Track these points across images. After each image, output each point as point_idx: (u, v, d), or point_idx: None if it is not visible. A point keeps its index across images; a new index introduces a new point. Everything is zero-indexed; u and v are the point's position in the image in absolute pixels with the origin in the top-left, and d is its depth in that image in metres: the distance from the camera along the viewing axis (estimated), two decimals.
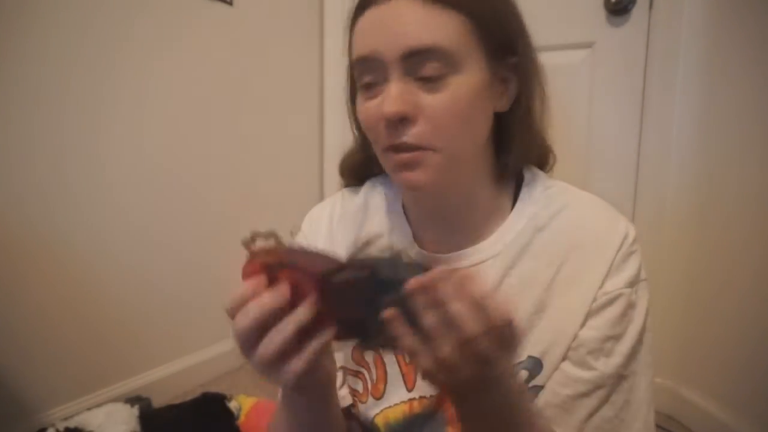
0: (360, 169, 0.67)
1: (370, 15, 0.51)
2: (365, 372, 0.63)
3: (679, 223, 1.35)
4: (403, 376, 0.60)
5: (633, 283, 0.54)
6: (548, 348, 0.54)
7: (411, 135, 0.49)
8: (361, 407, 0.62)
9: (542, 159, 0.64)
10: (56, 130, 1.24)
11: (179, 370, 1.57)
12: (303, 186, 1.95)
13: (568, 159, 1.48)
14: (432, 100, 0.49)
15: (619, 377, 0.53)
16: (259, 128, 1.74)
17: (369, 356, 0.62)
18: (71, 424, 1.18)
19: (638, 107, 1.36)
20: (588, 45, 1.38)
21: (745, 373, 1.21)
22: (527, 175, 0.61)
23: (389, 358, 0.61)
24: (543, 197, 0.58)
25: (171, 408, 1.33)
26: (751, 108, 1.17)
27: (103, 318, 1.37)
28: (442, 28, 0.48)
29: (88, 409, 1.25)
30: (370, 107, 0.52)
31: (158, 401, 1.37)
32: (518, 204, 0.59)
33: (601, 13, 1.35)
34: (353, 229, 0.64)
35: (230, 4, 1.58)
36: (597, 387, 0.53)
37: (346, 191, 0.68)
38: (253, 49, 1.69)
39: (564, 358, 0.54)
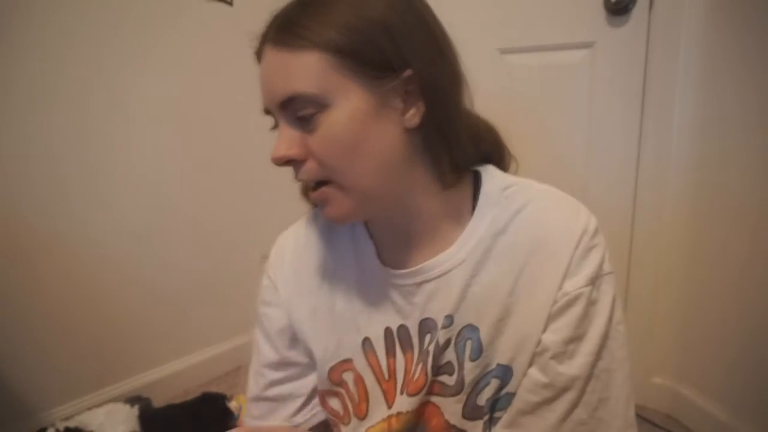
0: None
1: (260, 70, 0.53)
2: (343, 392, 0.62)
3: (679, 223, 1.35)
4: (383, 393, 0.60)
5: (594, 279, 0.53)
6: (515, 354, 0.54)
7: (301, 173, 0.52)
8: (345, 429, 0.62)
9: (496, 158, 0.63)
10: (55, 131, 1.24)
11: (179, 370, 1.57)
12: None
13: (568, 159, 1.49)
14: (312, 140, 0.50)
15: (587, 378, 0.52)
16: (259, 128, 1.74)
17: (348, 375, 0.62)
18: (71, 424, 1.18)
19: (638, 107, 1.36)
20: (588, 45, 1.38)
21: (745, 373, 1.21)
22: (485, 177, 0.59)
23: (369, 376, 0.61)
24: (502, 198, 0.57)
25: (171, 408, 1.33)
26: (751, 108, 1.17)
27: (103, 318, 1.37)
28: (299, 74, 0.49)
29: (88, 409, 1.26)
30: None
31: (158, 401, 1.37)
32: (477, 208, 0.57)
33: (601, 13, 1.35)
34: (320, 252, 0.64)
35: (230, 4, 1.58)
36: (564, 390, 0.52)
37: (310, 215, 0.68)
38: (253, 49, 1.69)
39: (531, 364, 0.54)
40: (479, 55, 1.49)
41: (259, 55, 0.53)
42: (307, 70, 0.49)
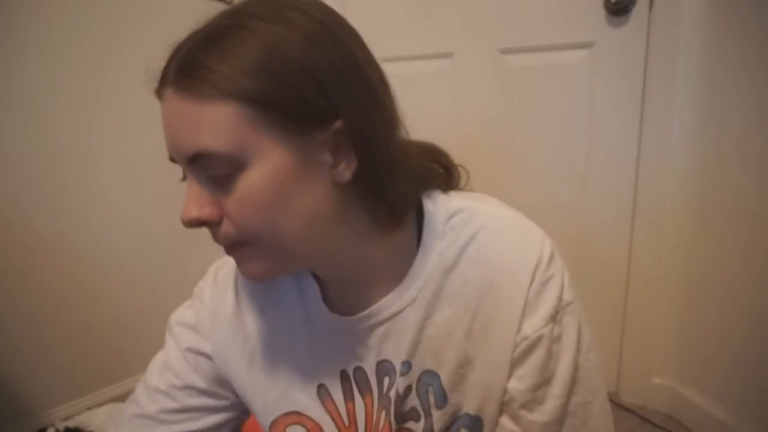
0: None
1: (161, 111, 0.45)
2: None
3: (679, 223, 1.35)
4: None
5: (553, 317, 0.49)
6: (483, 404, 0.51)
7: (221, 235, 0.46)
8: None
9: (442, 181, 0.56)
10: (56, 130, 1.24)
11: None
12: None
13: (568, 159, 1.49)
14: (227, 201, 0.44)
15: (561, 417, 0.49)
16: None
17: (296, 430, 0.56)
18: (71, 424, 1.18)
19: (638, 107, 1.36)
20: (588, 45, 1.38)
21: (745, 373, 1.21)
22: (427, 205, 0.53)
23: (328, 425, 0.56)
24: (447, 230, 0.51)
25: None
26: (751, 108, 1.17)
27: (103, 318, 1.37)
28: (209, 129, 0.41)
29: (88, 409, 1.26)
30: None
31: None
32: (422, 244, 0.52)
33: (601, 13, 1.35)
34: (260, 294, 0.58)
35: (230, 4, 1.58)
36: None
37: None
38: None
39: (501, 413, 0.51)
40: (479, 55, 1.49)
41: (159, 95, 0.45)
42: (217, 124, 0.41)
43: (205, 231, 0.49)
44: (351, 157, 0.46)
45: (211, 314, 0.59)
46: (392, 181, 0.48)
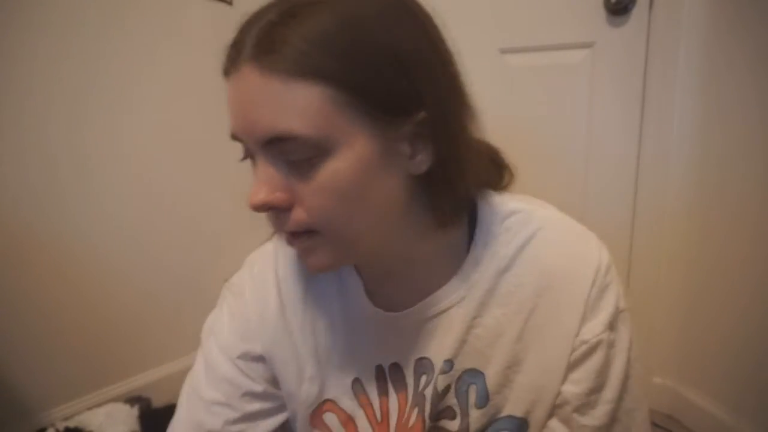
0: None
1: (229, 87, 0.43)
2: None
3: (679, 223, 1.35)
4: None
5: (612, 323, 0.49)
6: (532, 407, 0.50)
7: (290, 225, 0.44)
8: None
9: (496, 182, 0.55)
10: (51, 132, 1.24)
11: (179, 370, 1.57)
12: None
13: (568, 159, 1.49)
14: (304, 188, 0.42)
15: (610, 423, 0.49)
16: None
17: (330, 417, 0.56)
18: (71, 424, 1.18)
19: (638, 107, 1.36)
20: (588, 45, 1.38)
21: (745, 373, 1.21)
22: (482, 206, 0.52)
23: (361, 419, 0.55)
24: (502, 230, 0.51)
25: (171, 408, 1.32)
26: (751, 108, 1.17)
27: (103, 318, 1.37)
28: (298, 110, 0.39)
29: (88, 409, 1.26)
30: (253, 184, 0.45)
31: (158, 401, 1.37)
32: (475, 243, 0.51)
33: (601, 13, 1.35)
34: (300, 286, 0.56)
35: (230, 4, 1.58)
36: None
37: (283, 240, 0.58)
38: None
39: (550, 416, 0.50)
40: (479, 55, 1.49)
41: (229, 71, 0.42)
42: (304, 106, 0.39)
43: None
44: (429, 149, 0.44)
45: (257, 313, 0.57)
46: (463, 177, 0.47)
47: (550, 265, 0.50)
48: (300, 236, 0.45)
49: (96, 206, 1.34)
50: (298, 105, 0.39)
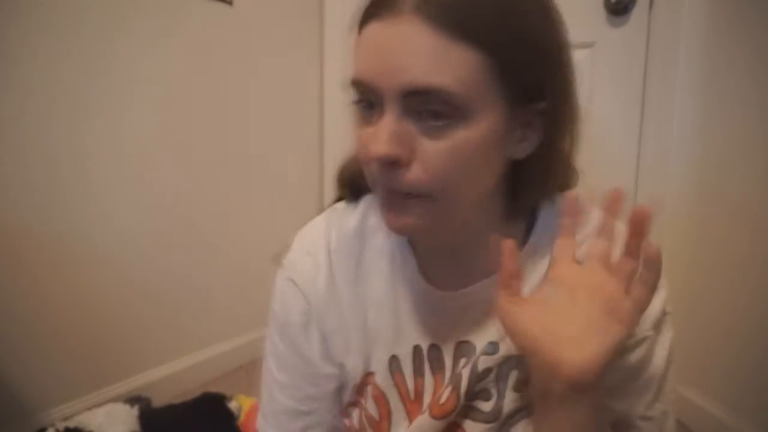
0: (362, 181, 0.57)
1: (373, 31, 0.43)
2: (362, 403, 0.58)
3: (679, 223, 1.35)
4: (407, 414, 0.56)
5: (658, 323, 0.52)
6: None
7: (403, 182, 0.43)
8: None
9: (565, 185, 0.57)
10: (51, 132, 1.24)
11: (179, 370, 1.57)
12: (302, 188, 1.94)
13: None
14: (431, 147, 0.42)
15: (643, 416, 0.52)
16: (259, 129, 1.74)
17: (366, 389, 0.57)
18: (71, 424, 1.18)
19: (638, 107, 1.36)
20: (588, 45, 1.38)
21: (745, 373, 1.21)
22: (543, 205, 0.55)
23: (393, 396, 0.56)
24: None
25: (171, 408, 1.33)
26: (751, 107, 1.17)
27: (102, 318, 1.37)
28: (453, 68, 0.40)
29: (88, 409, 1.26)
30: (363, 137, 0.45)
31: (158, 401, 1.37)
32: (533, 235, 0.54)
33: (601, 13, 1.35)
34: (351, 259, 0.57)
35: (230, 4, 1.58)
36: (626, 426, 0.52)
37: (339, 210, 0.60)
38: (253, 49, 1.69)
39: None
40: None
41: (380, 15, 0.42)
42: (462, 67, 0.40)
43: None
44: (534, 139, 0.46)
45: (308, 284, 0.57)
46: (554, 170, 0.50)
47: None
48: (404, 196, 0.45)
49: (96, 206, 1.33)
50: (455, 64, 0.40)
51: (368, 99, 0.44)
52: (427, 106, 0.41)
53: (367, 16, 0.43)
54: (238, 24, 1.62)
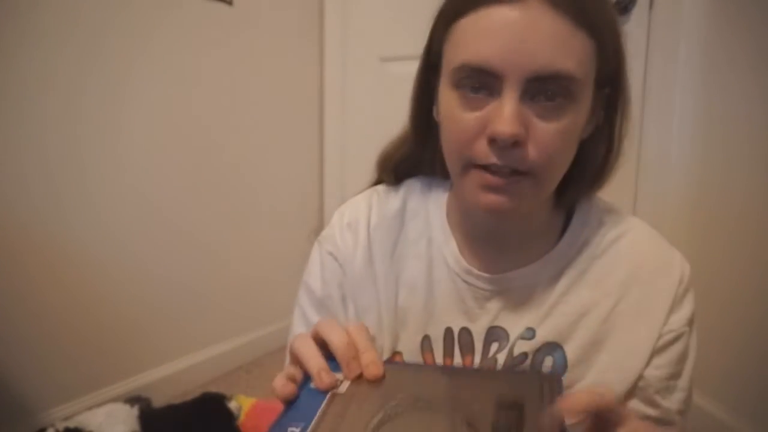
0: (406, 165, 0.61)
1: (498, 15, 0.43)
2: None
3: (679, 223, 1.35)
4: None
5: (692, 321, 0.54)
6: (611, 385, 0.53)
7: (518, 160, 0.45)
8: None
9: (600, 183, 0.59)
10: (49, 134, 1.24)
11: (179, 370, 1.57)
12: (302, 187, 1.95)
13: None
14: (545, 127, 0.44)
15: (684, 410, 0.54)
16: (259, 128, 1.74)
17: None
18: (71, 424, 1.18)
19: (638, 107, 1.36)
20: None
21: (745, 373, 1.21)
22: (582, 199, 0.58)
23: None
24: (597, 224, 0.56)
25: (171, 408, 1.33)
26: (751, 107, 1.17)
27: (103, 318, 1.37)
28: (577, 55, 0.43)
29: (88, 409, 1.26)
30: (469, 119, 0.46)
31: (158, 401, 1.37)
32: (571, 229, 0.56)
33: None
34: (390, 239, 0.59)
35: (230, 4, 1.58)
36: (665, 424, 0.53)
37: (381, 191, 0.61)
38: (253, 49, 1.69)
39: (629, 396, 0.53)
40: None
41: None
42: (582, 54, 0.44)
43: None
44: (595, 121, 0.51)
45: (345, 259, 0.59)
46: (604, 156, 0.53)
47: (642, 260, 0.54)
48: (512, 174, 0.46)
49: (94, 207, 1.33)
50: (578, 50, 0.44)
51: (479, 82, 0.45)
52: (546, 89, 0.44)
53: (476, 2, 0.45)
54: (238, 24, 1.62)
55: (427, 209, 0.59)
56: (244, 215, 1.72)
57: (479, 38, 0.44)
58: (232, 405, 1.32)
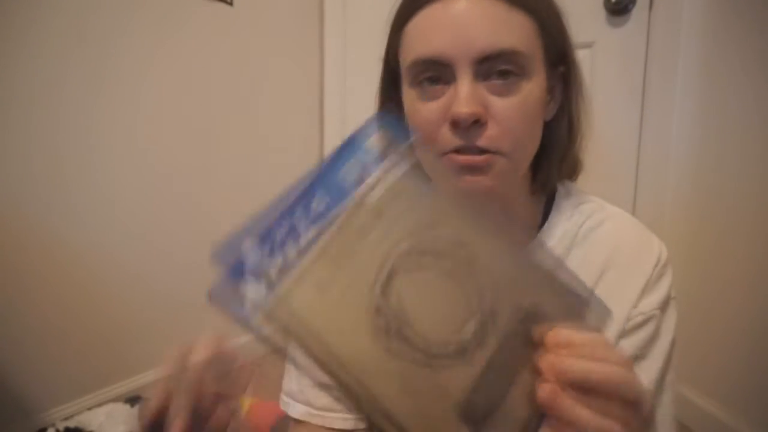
0: None
1: (435, 12, 0.48)
2: None
3: (678, 223, 1.35)
4: None
5: (664, 304, 0.54)
6: None
7: (483, 138, 0.47)
8: None
9: (573, 170, 0.62)
10: (56, 131, 1.24)
11: None
12: None
13: None
14: (502, 104, 0.47)
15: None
16: (259, 128, 1.74)
17: None
18: (71, 424, 1.18)
19: (638, 107, 1.36)
20: (588, 45, 1.38)
21: (745, 373, 1.21)
22: (560, 189, 0.59)
23: None
24: (576, 213, 0.57)
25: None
26: (751, 107, 1.17)
27: (103, 318, 1.37)
28: (517, 32, 0.47)
29: (88, 409, 1.26)
30: (430, 109, 0.49)
31: None
32: (550, 218, 0.57)
33: (601, 13, 1.35)
34: None
35: (230, 4, 1.58)
36: None
37: None
38: (253, 49, 1.69)
39: None
40: None
41: None
42: (522, 30, 0.47)
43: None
44: (556, 101, 0.54)
45: None
46: (571, 138, 0.55)
47: (617, 245, 0.55)
48: (481, 155, 0.48)
49: (97, 206, 1.34)
50: (516, 28, 0.47)
51: (434, 74, 0.48)
52: (496, 68, 0.47)
53: (418, 5, 0.49)
54: (238, 24, 1.62)
55: None
56: (244, 215, 1.71)
57: (426, 34, 0.48)
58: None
